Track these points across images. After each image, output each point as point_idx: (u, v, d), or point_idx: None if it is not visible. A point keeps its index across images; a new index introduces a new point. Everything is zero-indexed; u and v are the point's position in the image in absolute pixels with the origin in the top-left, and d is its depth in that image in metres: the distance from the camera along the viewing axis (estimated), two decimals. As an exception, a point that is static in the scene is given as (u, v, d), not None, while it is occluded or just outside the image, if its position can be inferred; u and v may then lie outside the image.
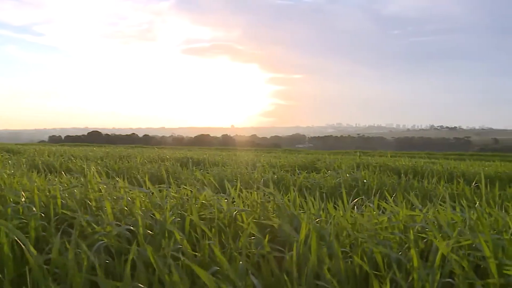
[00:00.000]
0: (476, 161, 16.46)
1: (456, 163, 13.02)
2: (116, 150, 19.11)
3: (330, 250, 2.42)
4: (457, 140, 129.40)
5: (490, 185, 6.50)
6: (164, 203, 3.41)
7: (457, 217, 2.86)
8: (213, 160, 12.53)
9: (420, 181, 7.05)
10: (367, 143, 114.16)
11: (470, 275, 2.06)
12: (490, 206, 4.42)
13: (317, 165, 10.74)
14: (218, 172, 7.96)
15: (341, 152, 27.29)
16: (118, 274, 2.40)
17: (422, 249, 2.62)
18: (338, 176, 7.17)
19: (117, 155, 13.87)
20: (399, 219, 2.89)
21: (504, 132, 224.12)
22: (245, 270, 2.26)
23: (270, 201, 3.52)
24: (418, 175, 8.73)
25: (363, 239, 2.57)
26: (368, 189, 6.32)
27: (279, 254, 2.52)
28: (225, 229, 3.03)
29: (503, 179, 9.11)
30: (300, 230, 2.52)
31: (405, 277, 2.23)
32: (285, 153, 23.49)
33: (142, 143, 66.42)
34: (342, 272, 2.25)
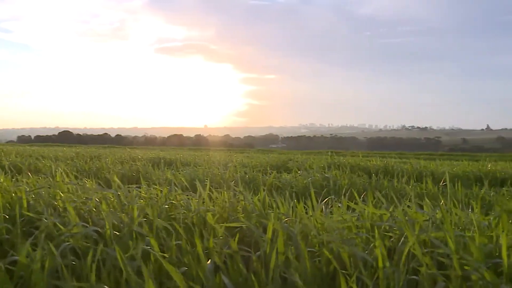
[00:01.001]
0: (446, 160, 16.74)
1: (425, 162, 13.21)
2: (87, 150, 18.87)
3: (297, 250, 2.44)
4: (428, 140, 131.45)
5: (458, 184, 6.63)
6: (133, 204, 3.38)
7: (423, 215, 2.91)
8: (185, 160, 12.48)
9: (390, 180, 7.14)
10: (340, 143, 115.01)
11: (434, 271, 2.10)
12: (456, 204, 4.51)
13: (289, 165, 10.78)
14: (190, 172, 7.94)
15: (314, 152, 27.45)
16: (84, 275, 2.37)
17: (389, 248, 2.66)
18: (309, 176, 7.21)
19: (88, 156, 13.69)
20: (366, 218, 2.92)
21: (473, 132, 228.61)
22: (213, 270, 2.26)
23: (240, 201, 3.52)
24: (389, 174, 8.83)
25: (330, 238, 2.59)
26: (339, 189, 6.37)
27: (247, 254, 2.52)
28: (194, 229, 3.02)
29: (470, 178, 9.29)
30: (267, 230, 2.52)
31: (371, 275, 2.26)
32: (257, 153, 23.51)
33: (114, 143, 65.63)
34: (308, 271, 2.26)
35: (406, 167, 10.38)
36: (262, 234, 2.60)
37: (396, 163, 11.69)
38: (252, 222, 2.99)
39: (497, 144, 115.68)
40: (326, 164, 9.24)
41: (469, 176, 9.73)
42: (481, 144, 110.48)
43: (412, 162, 12.73)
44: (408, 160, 16.24)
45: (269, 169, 8.52)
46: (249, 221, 3.00)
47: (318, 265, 2.47)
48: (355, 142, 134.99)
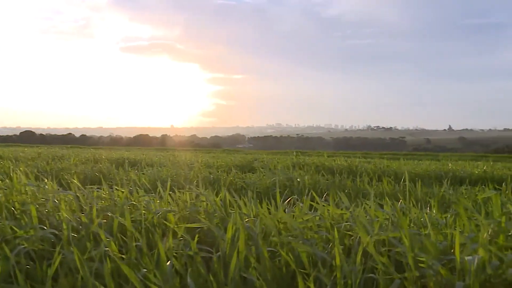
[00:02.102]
0: (409, 160, 17.05)
1: (389, 162, 13.43)
2: (49, 151, 18.48)
3: (257, 250, 2.44)
4: (393, 140, 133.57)
5: (419, 183, 6.75)
6: (93, 205, 3.32)
7: (382, 214, 2.95)
8: (150, 161, 12.37)
9: (354, 180, 7.22)
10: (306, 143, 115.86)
11: (390, 270, 2.14)
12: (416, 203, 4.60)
13: (254, 165, 10.80)
14: (154, 172, 7.87)
15: (280, 152, 27.56)
16: (40, 279, 2.32)
17: (349, 247, 2.69)
18: (274, 176, 7.23)
19: (50, 156, 13.43)
20: (326, 218, 2.95)
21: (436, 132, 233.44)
22: (172, 271, 2.24)
23: (201, 202, 3.51)
24: (352, 174, 8.93)
25: (290, 238, 2.60)
26: (302, 189, 6.41)
27: (207, 255, 2.52)
28: (154, 230, 2.99)
29: (431, 177, 9.49)
30: (227, 230, 2.52)
31: (330, 275, 2.28)
32: (224, 153, 23.48)
33: (78, 143, 64.52)
34: (268, 271, 2.27)
35: (369, 167, 10.53)
36: (222, 235, 2.59)
37: (360, 163, 11.84)
38: (213, 223, 2.98)
39: (458, 144, 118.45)
40: (291, 164, 9.29)
41: (430, 175, 9.94)
42: (444, 144, 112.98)
43: (375, 162, 12.92)
44: (372, 160, 16.48)
45: (234, 169, 8.50)
46: (211, 222, 2.99)
47: (279, 265, 2.48)
48: (322, 142, 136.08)
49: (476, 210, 3.20)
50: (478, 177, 9.85)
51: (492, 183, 7.98)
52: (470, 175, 10.22)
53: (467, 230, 2.65)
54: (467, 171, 10.66)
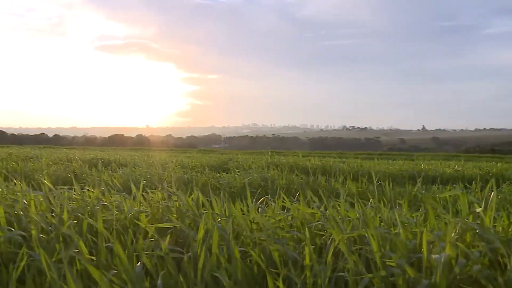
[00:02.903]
0: (384, 160, 17.23)
1: (363, 162, 13.56)
2: (21, 151, 18.17)
3: (229, 250, 2.44)
4: (368, 140, 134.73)
5: (392, 183, 6.83)
6: (63, 206, 3.27)
7: (353, 213, 2.97)
8: (124, 161, 12.26)
9: (328, 179, 7.26)
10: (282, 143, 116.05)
11: (360, 269, 2.16)
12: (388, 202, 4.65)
13: (229, 165, 10.79)
14: (127, 173, 7.79)
15: (256, 152, 27.58)
16: (5, 282, 2.28)
17: (320, 246, 2.70)
18: (248, 175, 7.23)
19: (21, 156, 13.20)
20: (297, 217, 2.96)
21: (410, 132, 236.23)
22: (142, 272, 2.22)
23: (173, 202, 3.49)
24: (327, 174, 8.99)
25: (262, 238, 2.61)
26: (276, 189, 6.42)
27: (178, 255, 2.50)
28: (126, 230, 2.97)
29: (404, 177, 9.61)
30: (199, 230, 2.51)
31: (301, 274, 2.29)
32: (199, 153, 23.40)
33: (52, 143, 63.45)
34: (239, 271, 2.27)
35: (344, 167, 10.61)
36: (194, 235, 2.58)
37: (334, 163, 11.93)
38: (185, 223, 2.97)
39: (432, 144, 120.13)
40: (266, 164, 9.30)
41: (403, 174, 10.07)
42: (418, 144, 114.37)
43: (350, 162, 13.03)
44: (347, 160, 16.62)
45: (208, 170, 8.48)
46: (182, 222, 2.98)
47: (250, 265, 2.48)
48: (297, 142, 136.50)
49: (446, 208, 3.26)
50: (450, 176, 10.02)
51: (463, 182, 8.14)
52: (442, 174, 10.39)
53: (436, 228, 2.69)
54: (439, 171, 10.83)
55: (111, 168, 9.09)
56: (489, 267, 2.25)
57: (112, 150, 28.53)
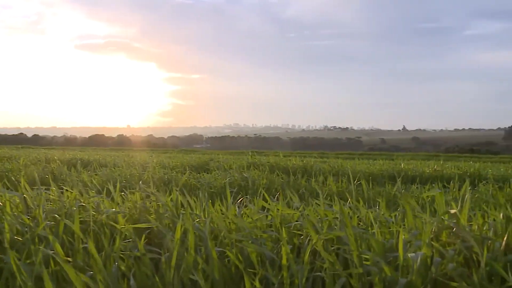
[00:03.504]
0: (364, 160, 17.35)
1: (344, 162, 13.64)
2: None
3: (207, 250, 2.43)
4: (349, 140, 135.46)
5: (372, 182, 6.89)
6: (40, 207, 3.23)
7: (332, 213, 2.98)
8: (104, 161, 12.16)
9: (308, 179, 7.28)
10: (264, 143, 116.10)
11: (337, 267, 2.16)
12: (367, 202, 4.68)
13: (210, 165, 10.77)
14: (107, 173, 7.73)
15: (237, 152, 27.58)
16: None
17: (298, 246, 2.70)
18: (228, 176, 7.23)
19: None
20: (276, 217, 2.96)
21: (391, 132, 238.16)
22: (118, 273, 2.20)
23: (152, 202, 3.47)
24: (307, 174, 9.02)
25: (241, 238, 2.60)
26: (257, 189, 6.42)
27: (156, 256, 2.49)
28: (103, 231, 2.94)
29: (384, 177, 9.69)
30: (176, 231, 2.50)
31: (278, 274, 2.29)
32: (180, 153, 23.31)
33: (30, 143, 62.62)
34: (216, 272, 2.26)
35: (324, 167, 10.65)
36: (171, 235, 2.57)
37: (315, 163, 11.96)
38: (163, 223, 2.95)
39: (412, 144, 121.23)
40: (246, 164, 9.29)
41: (383, 174, 10.15)
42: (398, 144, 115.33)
43: (330, 162, 13.09)
44: (328, 160, 16.70)
45: (189, 170, 8.45)
46: (160, 222, 2.96)
47: (228, 265, 2.47)
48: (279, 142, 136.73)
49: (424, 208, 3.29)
50: (429, 176, 10.12)
51: (442, 182, 8.24)
52: (421, 174, 10.50)
53: (414, 228, 2.71)
54: (419, 170, 10.94)
55: (90, 169, 9.00)
56: (464, 265, 2.28)
57: (92, 150, 28.28)
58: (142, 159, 13.03)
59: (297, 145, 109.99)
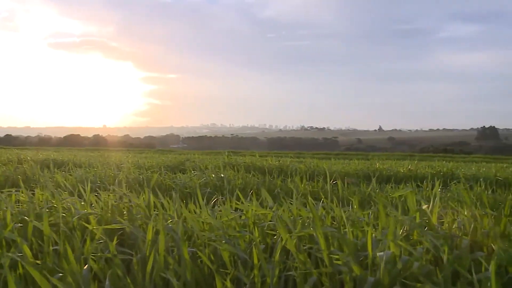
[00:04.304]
0: (340, 159, 17.47)
1: (320, 162, 13.71)
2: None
3: (179, 251, 2.42)
4: (326, 140, 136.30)
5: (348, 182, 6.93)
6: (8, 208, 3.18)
7: (304, 213, 3.00)
8: (78, 162, 12.01)
9: (284, 179, 7.30)
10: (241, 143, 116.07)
11: (308, 267, 2.18)
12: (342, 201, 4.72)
13: (185, 165, 10.72)
14: (81, 174, 7.64)
15: (214, 152, 27.55)
16: None
17: (271, 246, 2.71)
18: (204, 176, 7.21)
19: (-33, 158, 12.73)
20: (249, 217, 2.96)
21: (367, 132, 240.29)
22: (89, 275, 2.18)
23: (124, 203, 3.44)
24: (283, 173, 9.04)
25: (214, 238, 2.60)
26: (232, 189, 6.42)
27: (128, 257, 2.47)
28: (74, 233, 2.90)
29: (359, 176, 9.77)
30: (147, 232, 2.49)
31: (250, 274, 2.29)
32: (156, 154, 23.19)
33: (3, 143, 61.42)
34: (188, 272, 2.25)
35: (300, 166, 10.70)
36: (143, 236, 2.55)
37: (291, 163, 12.01)
38: (135, 224, 2.93)
39: (388, 144, 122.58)
40: (222, 164, 9.28)
41: (359, 174, 10.24)
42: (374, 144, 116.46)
43: (306, 162, 13.15)
44: (304, 160, 16.78)
45: (164, 170, 8.39)
46: (133, 223, 2.94)
47: (201, 265, 2.47)
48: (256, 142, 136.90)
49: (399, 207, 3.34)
50: (403, 176, 10.24)
51: (416, 181, 8.35)
52: (396, 173, 10.61)
53: (386, 227, 2.75)
54: (393, 170, 11.06)
55: (65, 169, 8.88)
56: (434, 263, 2.32)
57: (67, 151, 27.90)
58: (117, 159, 12.92)
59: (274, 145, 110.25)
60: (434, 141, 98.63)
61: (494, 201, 5.39)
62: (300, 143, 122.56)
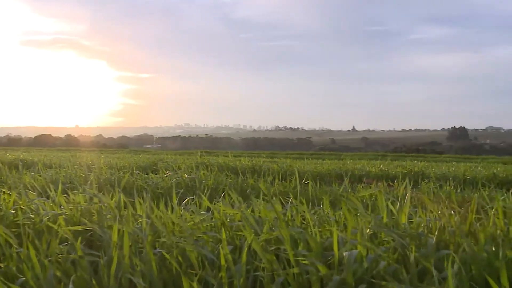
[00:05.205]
0: (314, 159, 17.57)
1: (293, 162, 13.78)
2: None
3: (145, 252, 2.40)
4: (300, 140, 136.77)
5: (320, 182, 6.98)
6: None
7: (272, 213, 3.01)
8: (49, 162, 11.82)
9: (257, 180, 7.31)
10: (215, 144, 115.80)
11: (275, 267, 2.18)
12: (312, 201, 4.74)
13: (158, 165, 10.66)
14: (51, 174, 7.53)
15: (187, 152, 27.44)
16: None
17: (240, 246, 2.71)
18: (177, 176, 7.17)
19: None
20: (218, 218, 2.96)
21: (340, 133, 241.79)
22: (53, 278, 2.15)
23: (94, 204, 3.40)
24: (256, 174, 9.06)
25: (179, 240, 2.58)
26: (204, 189, 6.39)
27: (94, 259, 2.44)
28: (40, 235, 2.86)
29: (332, 176, 9.86)
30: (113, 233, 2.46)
31: (218, 274, 2.28)
32: (129, 154, 22.98)
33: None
34: (154, 274, 2.24)
35: (273, 166, 10.73)
36: (109, 237, 2.52)
37: (264, 163, 12.04)
38: (103, 225, 2.89)
39: (361, 144, 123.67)
40: (195, 165, 9.25)
41: (331, 174, 10.33)
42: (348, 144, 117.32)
43: (279, 162, 13.19)
44: (277, 160, 16.83)
45: (137, 170, 8.32)
46: (101, 224, 2.91)
47: (170, 266, 2.45)
48: (230, 142, 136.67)
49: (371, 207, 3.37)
50: (375, 175, 10.37)
51: (387, 181, 8.45)
52: (368, 173, 10.74)
53: (355, 227, 2.77)
54: (365, 170, 11.18)
55: (34, 170, 8.73)
56: (401, 262, 2.35)
57: (38, 151, 27.47)
58: (89, 159, 12.76)
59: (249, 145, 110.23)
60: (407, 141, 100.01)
61: (462, 199, 5.49)
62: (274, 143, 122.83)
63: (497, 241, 2.32)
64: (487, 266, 2.16)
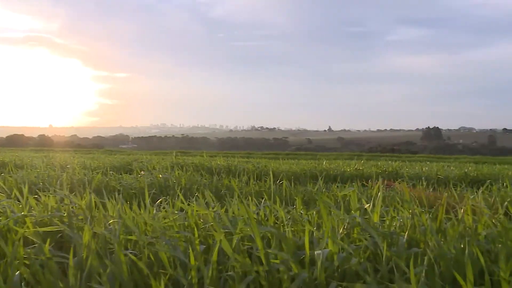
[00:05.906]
0: (290, 159, 17.61)
1: (269, 162, 13.80)
2: None
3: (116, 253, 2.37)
4: (276, 140, 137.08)
5: (295, 182, 7.00)
6: None
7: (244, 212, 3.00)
8: (20, 163, 11.63)
9: (232, 179, 7.29)
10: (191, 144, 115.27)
11: (246, 266, 2.17)
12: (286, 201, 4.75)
13: (133, 166, 10.57)
14: (22, 175, 7.39)
15: (163, 153, 27.27)
16: None
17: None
18: (151, 176, 7.12)
19: None
20: (191, 217, 2.94)
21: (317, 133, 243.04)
22: (19, 281, 2.11)
23: (65, 205, 3.34)
24: (231, 174, 9.04)
25: (153, 239, 2.56)
26: (179, 189, 6.36)
27: (64, 260, 2.40)
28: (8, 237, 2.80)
29: (307, 176, 9.88)
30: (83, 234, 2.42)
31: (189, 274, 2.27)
32: (104, 154, 22.74)
33: None
34: (124, 274, 2.21)
35: (248, 167, 10.72)
36: (78, 238, 2.48)
37: (239, 163, 12.02)
38: (73, 226, 2.85)
39: (337, 143, 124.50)
40: (170, 165, 9.20)
41: (306, 174, 10.35)
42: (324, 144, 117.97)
43: (254, 162, 13.19)
44: (253, 160, 16.83)
45: (111, 171, 8.23)
46: (71, 225, 2.86)
47: (141, 267, 2.42)
48: (207, 142, 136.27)
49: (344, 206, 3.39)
50: (350, 175, 10.42)
51: (361, 180, 8.51)
52: (342, 173, 10.79)
53: (328, 225, 2.78)
54: (340, 170, 11.24)
55: (4, 171, 8.57)
56: (373, 260, 2.36)
57: (9, 151, 26.97)
58: (62, 160, 12.59)
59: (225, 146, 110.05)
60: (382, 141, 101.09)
61: (434, 198, 5.56)
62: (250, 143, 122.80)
63: (465, 239, 2.36)
64: (455, 262, 2.19)
